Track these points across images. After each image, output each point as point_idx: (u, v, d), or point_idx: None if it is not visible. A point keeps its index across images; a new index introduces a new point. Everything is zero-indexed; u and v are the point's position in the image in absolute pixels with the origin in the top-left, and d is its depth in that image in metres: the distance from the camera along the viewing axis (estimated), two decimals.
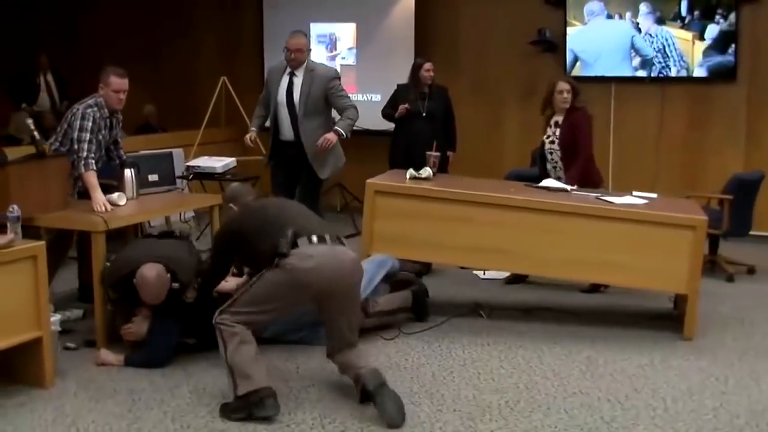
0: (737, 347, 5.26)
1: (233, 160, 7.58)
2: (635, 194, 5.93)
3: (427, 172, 5.95)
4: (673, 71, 8.66)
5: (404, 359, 4.94)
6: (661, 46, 8.66)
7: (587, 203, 5.66)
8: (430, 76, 7.41)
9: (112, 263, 4.93)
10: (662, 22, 8.61)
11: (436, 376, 4.70)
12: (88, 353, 4.95)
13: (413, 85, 7.46)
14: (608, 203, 5.63)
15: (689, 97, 8.77)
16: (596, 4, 8.85)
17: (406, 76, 7.61)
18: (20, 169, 5.04)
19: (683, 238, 5.39)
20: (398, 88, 7.68)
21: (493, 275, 6.84)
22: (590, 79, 9.01)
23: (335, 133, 6.41)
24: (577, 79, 8.93)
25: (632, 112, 8.99)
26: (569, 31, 8.98)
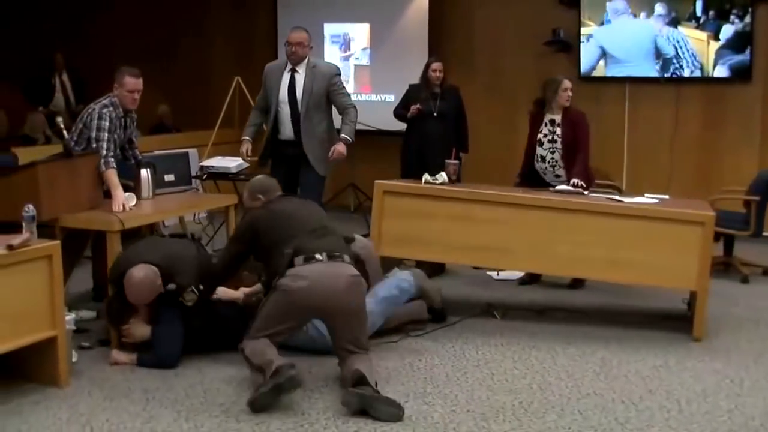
0: (752, 349, 5.23)
1: (238, 163, 7.58)
2: (647, 196, 5.91)
3: (442, 177, 5.95)
4: (686, 72, 8.63)
5: (417, 360, 4.94)
6: (674, 47, 8.63)
7: (597, 200, 5.65)
8: (437, 76, 7.40)
9: (115, 260, 4.92)
10: (677, 22, 8.58)
11: (449, 376, 4.69)
12: (102, 352, 4.96)
13: (425, 85, 7.46)
14: (619, 202, 5.63)
15: (704, 97, 8.74)
16: (620, 2, 8.81)
17: (419, 76, 7.61)
18: (49, 168, 5.02)
19: (692, 234, 5.36)
20: (410, 88, 7.68)
21: (506, 276, 6.83)
22: (605, 79, 9.01)
23: (343, 141, 6.28)
24: (591, 79, 9.00)
25: (647, 112, 8.96)
26: (593, 29, 8.95)
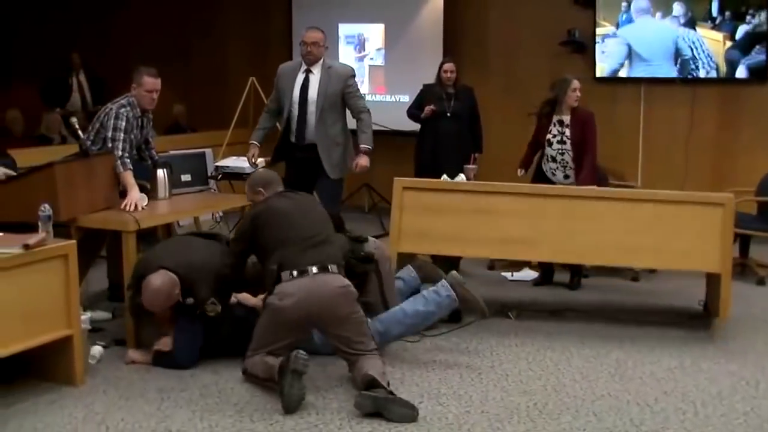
0: None
1: (261, 160, 7.58)
2: None
3: (460, 178, 5.96)
4: (701, 73, 8.59)
5: (432, 360, 4.93)
6: (689, 48, 8.60)
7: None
8: (448, 77, 7.40)
9: (139, 260, 4.91)
10: (693, 22, 8.54)
11: (463, 377, 4.69)
12: (117, 352, 4.98)
13: (438, 85, 7.47)
14: None
15: (719, 97, 8.71)
16: (644, 0, 8.79)
17: (434, 76, 7.61)
18: (66, 168, 5.04)
19: (713, 216, 5.37)
20: (424, 88, 7.68)
21: (521, 276, 6.83)
22: (620, 80, 8.99)
23: (365, 152, 6.19)
24: (606, 80, 8.97)
25: (662, 112, 8.93)
26: (610, 28, 8.92)
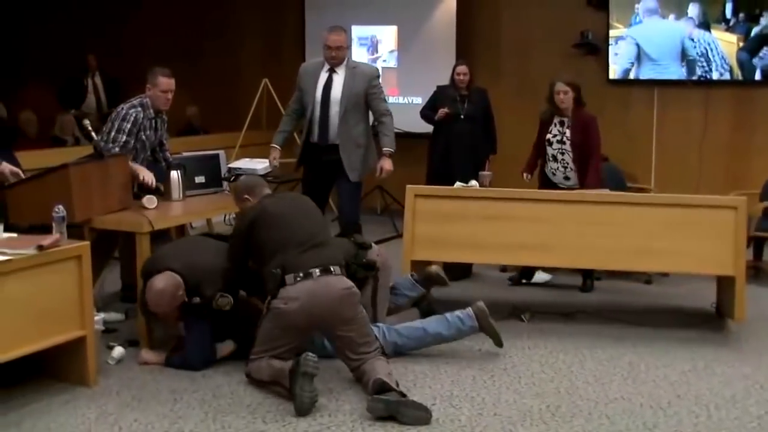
0: None
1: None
2: None
3: (473, 184, 5.96)
4: (714, 75, 8.57)
5: (444, 362, 4.93)
6: (703, 50, 8.57)
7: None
8: (461, 79, 7.40)
9: (147, 259, 4.92)
10: (707, 24, 8.52)
11: (476, 379, 4.69)
12: (130, 353, 4.98)
13: (452, 87, 7.47)
14: None
15: (733, 99, 8.68)
16: (652, 1, 8.77)
17: (447, 78, 7.60)
18: (81, 170, 5.05)
19: (726, 219, 5.38)
20: (438, 89, 7.68)
21: (534, 278, 6.81)
22: (633, 82, 8.96)
23: (388, 155, 6.20)
24: (619, 83, 8.95)
25: (675, 114, 8.90)
26: (623, 30, 8.91)
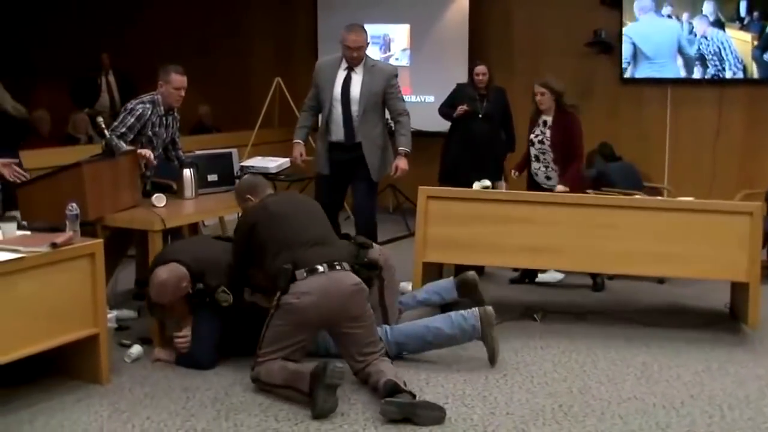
0: None
1: (287, 160, 7.58)
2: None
3: (484, 183, 5.96)
4: (728, 74, 8.54)
5: (456, 362, 4.91)
6: (716, 48, 8.54)
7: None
8: (480, 79, 7.39)
9: (155, 256, 4.94)
10: (721, 22, 8.49)
11: (488, 379, 4.68)
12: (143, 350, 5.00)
13: (471, 86, 7.47)
14: None
15: (747, 98, 8.65)
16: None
17: (460, 77, 7.60)
18: (94, 168, 5.08)
19: (740, 224, 5.33)
20: (457, 87, 7.67)
21: (545, 278, 6.79)
22: (646, 81, 8.94)
23: (404, 155, 6.16)
24: (632, 81, 8.93)
25: (689, 113, 8.88)
26: (627, 26, 8.91)
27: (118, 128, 5.50)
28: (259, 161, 7.46)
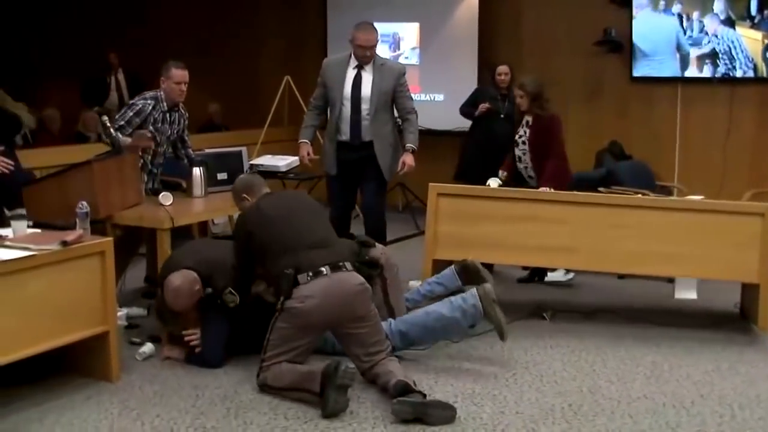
0: None
1: (296, 158, 7.57)
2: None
3: (494, 182, 5.97)
4: (738, 73, 8.51)
5: (466, 361, 4.92)
6: (727, 47, 8.51)
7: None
8: (502, 79, 7.42)
9: (162, 266, 4.93)
10: (731, 21, 8.46)
11: (498, 377, 4.67)
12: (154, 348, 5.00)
13: (493, 86, 7.48)
14: None
15: (758, 97, 8.61)
16: None
17: (469, 76, 7.62)
18: (103, 166, 5.10)
19: (752, 225, 5.32)
20: (478, 88, 7.70)
21: (554, 277, 6.78)
22: (655, 79, 8.92)
23: (412, 152, 6.09)
24: (642, 80, 8.90)
25: (699, 112, 8.85)
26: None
27: (117, 121, 5.58)
28: (268, 160, 7.47)
